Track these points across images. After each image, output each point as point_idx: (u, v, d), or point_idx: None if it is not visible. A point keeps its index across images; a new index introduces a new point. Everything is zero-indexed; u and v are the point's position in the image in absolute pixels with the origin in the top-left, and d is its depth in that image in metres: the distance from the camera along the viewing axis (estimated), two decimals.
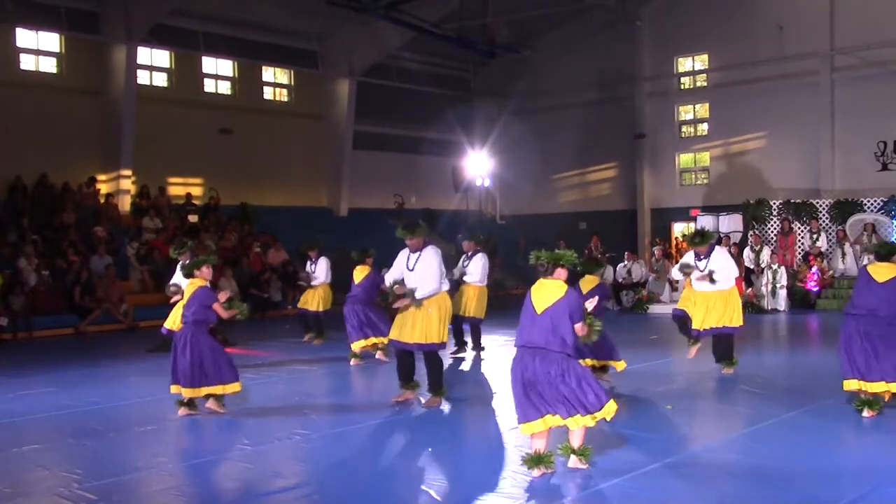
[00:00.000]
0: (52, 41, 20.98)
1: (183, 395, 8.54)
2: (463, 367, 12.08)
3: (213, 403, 8.63)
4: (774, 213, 21.47)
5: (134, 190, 21.69)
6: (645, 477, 6.25)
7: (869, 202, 20.69)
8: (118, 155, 21.19)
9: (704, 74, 26.06)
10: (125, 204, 21.41)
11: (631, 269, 20.29)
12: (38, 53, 20.79)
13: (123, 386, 10.99)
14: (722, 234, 20.87)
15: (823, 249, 19.86)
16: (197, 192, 23.22)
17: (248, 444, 7.58)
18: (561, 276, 6.46)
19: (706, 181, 26.08)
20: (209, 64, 23.80)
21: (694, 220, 23.59)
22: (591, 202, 28.14)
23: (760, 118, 24.30)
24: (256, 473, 6.74)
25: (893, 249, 8.25)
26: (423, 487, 6.27)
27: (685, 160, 26.78)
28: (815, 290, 18.82)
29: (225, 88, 24.42)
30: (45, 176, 20.08)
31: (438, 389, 8.99)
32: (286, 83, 25.80)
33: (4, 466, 6.98)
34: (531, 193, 28.61)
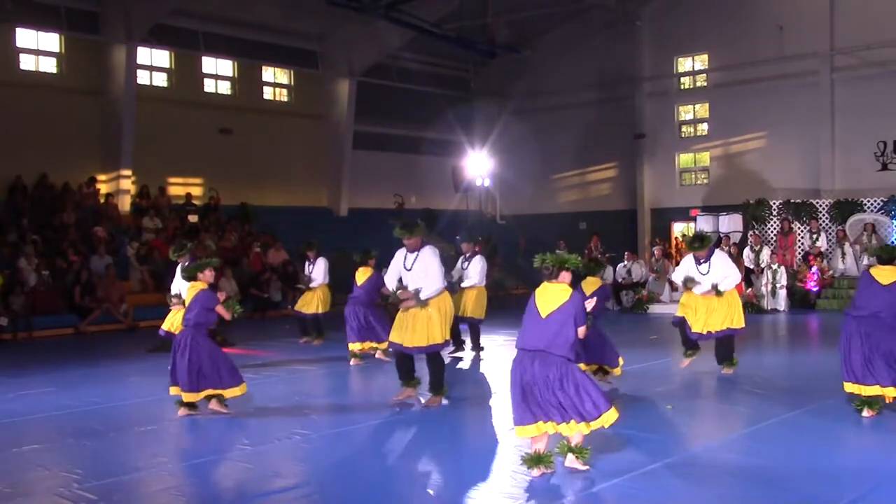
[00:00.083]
0: (52, 41, 20.98)
1: (182, 398, 8.53)
2: (462, 366, 12.07)
3: (215, 404, 8.59)
4: (774, 213, 21.47)
5: (134, 190, 21.70)
6: (645, 477, 6.25)
7: (869, 202, 20.69)
8: (118, 155, 21.20)
9: (704, 74, 26.06)
10: (125, 204, 21.41)
11: (631, 269, 20.29)
12: (38, 53, 20.79)
13: (123, 386, 10.98)
14: (722, 234, 20.89)
15: (823, 249, 19.86)
16: (197, 192, 23.22)
17: (248, 444, 7.58)
18: (565, 279, 6.46)
19: (706, 181, 26.08)
20: (209, 64, 23.80)
21: (694, 219, 23.61)
22: (591, 202, 28.15)
23: (760, 118, 24.31)
24: (256, 473, 6.74)
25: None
26: (423, 487, 6.27)
27: (685, 160, 26.77)
28: (814, 290, 18.82)
29: (225, 88, 24.43)
30: (45, 176, 20.09)
31: (439, 389, 8.99)
32: (286, 83, 25.80)
33: (4, 466, 6.98)
34: (531, 193, 28.60)
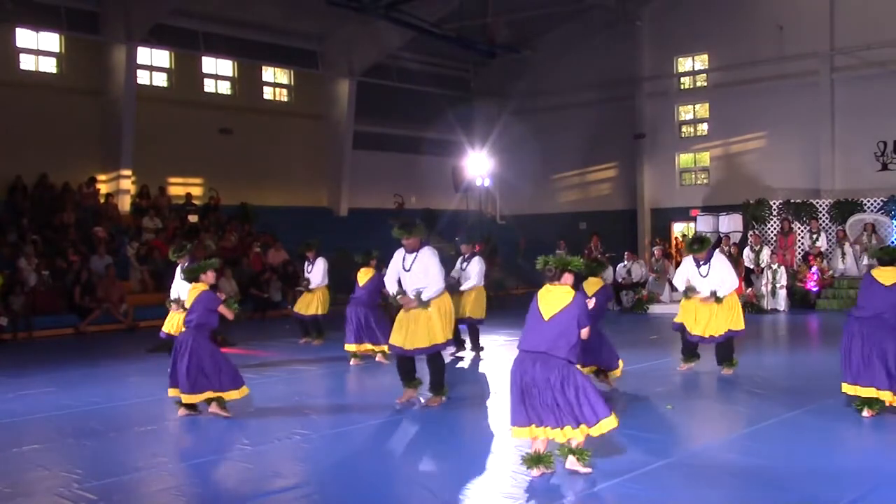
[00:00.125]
0: (52, 41, 20.98)
1: (182, 400, 8.51)
2: (462, 366, 12.07)
3: (215, 407, 8.52)
4: (774, 213, 21.47)
5: (134, 190, 21.70)
6: (645, 477, 6.25)
7: (869, 202, 20.69)
8: (118, 155, 21.20)
9: (704, 74, 26.06)
10: (125, 204, 21.41)
11: (631, 269, 20.27)
12: (38, 53, 20.79)
13: (123, 386, 10.97)
14: (722, 234, 20.88)
15: (823, 249, 19.84)
16: (197, 192, 23.22)
17: (248, 444, 7.58)
18: (568, 281, 6.46)
19: (706, 181, 26.08)
20: (209, 64, 23.80)
21: (694, 220, 23.60)
22: (591, 202, 28.15)
23: (760, 118, 24.31)
24: (256, 473, 6.74)
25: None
26: (423, 487, 6.27)
27: (685, 160, 26.77)
28: (814, 290, 18.81)
29: (225, 88, 24.43)
30: (45, 176, 20.09)
31: (440, 389, 8.99)
32: (286, 83, 25.80)
33: (4, 466, 6.98)
34: (531, 193, 28.60)
